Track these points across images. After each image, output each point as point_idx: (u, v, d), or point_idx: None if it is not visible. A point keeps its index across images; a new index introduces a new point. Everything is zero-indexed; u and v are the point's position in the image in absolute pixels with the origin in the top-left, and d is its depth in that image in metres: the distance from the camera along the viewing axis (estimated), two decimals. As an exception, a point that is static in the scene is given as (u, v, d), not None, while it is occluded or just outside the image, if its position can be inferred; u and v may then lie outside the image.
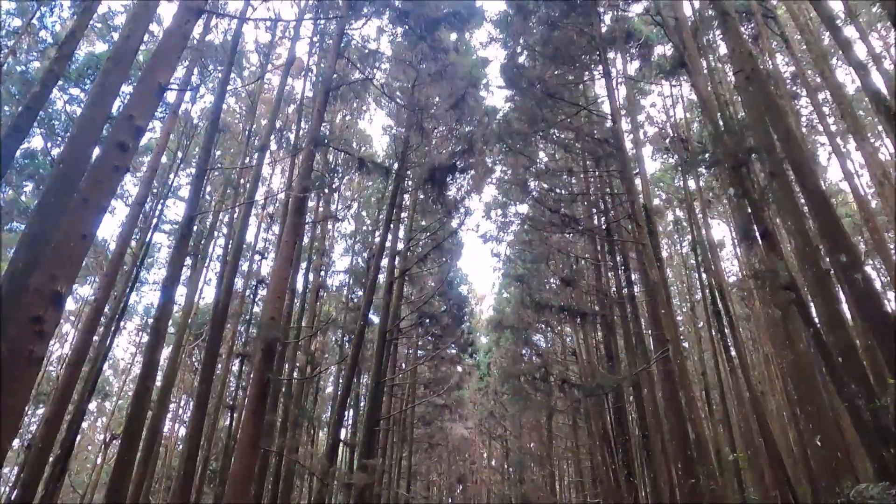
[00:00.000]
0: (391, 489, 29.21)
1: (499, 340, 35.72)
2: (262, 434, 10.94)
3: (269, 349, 11.37)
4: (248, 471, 10.44)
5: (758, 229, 8.92)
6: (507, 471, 43.94)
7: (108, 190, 6.88)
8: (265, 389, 11.03)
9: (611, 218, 18.48)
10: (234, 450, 11.10)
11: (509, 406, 35.63)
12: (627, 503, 18.61)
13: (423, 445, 37.96)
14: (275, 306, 11.95)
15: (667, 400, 14.43)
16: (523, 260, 26.52)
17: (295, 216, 13.06)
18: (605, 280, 20.34)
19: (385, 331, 19.47)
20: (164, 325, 10.45)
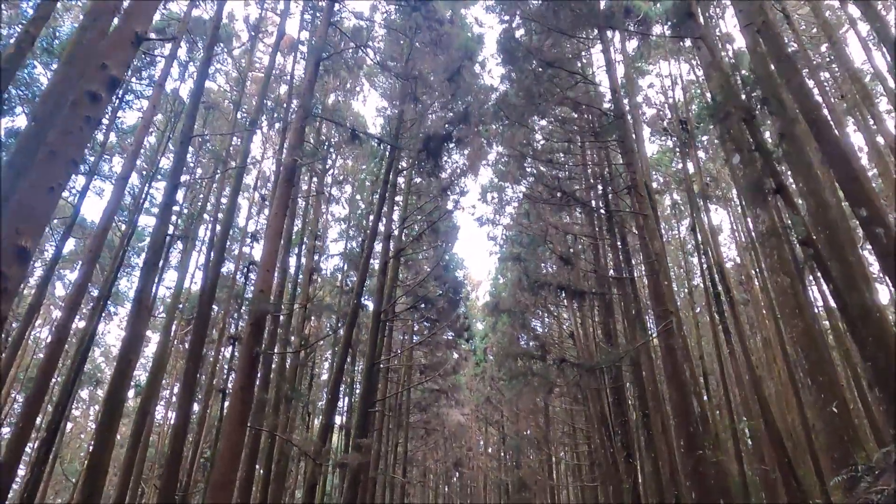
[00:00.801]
0: (387, 474, 28.89)
1: (495, 325, 35.36)
2: (250, 410, 10.53)
3: (258, 323, 10.95)
4: (237, 448, 10.04)
5: (773, 182, 8.48)
6: (504, 457, 43.75)
7: (77, 142, 6.41)
8: (254, 364, 10.61)
9: (609, 193, 18.07)
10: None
11: (506, 391, 35.30)
12: (627, 485, 18.30)
13: (420, 432, 37.71)
14: (265, 280, 11.52)
15: (669, 376, 14.08)
16: (520, 243, 26.08)
17: (284, 186, 12.61)
18: (604, 260, 19.96)
19: (379, 312, 19.07)
20: (146, 295, 10.01)
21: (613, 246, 17.94)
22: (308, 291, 22.76)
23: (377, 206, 17.65)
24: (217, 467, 9.93)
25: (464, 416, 42.63)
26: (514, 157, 18.50)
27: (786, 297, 9.71)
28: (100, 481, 8.57)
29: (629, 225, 17.40)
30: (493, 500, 47.53)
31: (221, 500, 9.51)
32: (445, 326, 31.85)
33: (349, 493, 16.19)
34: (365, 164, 34.05)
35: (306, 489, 14.05)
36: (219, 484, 9.64)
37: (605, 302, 19.43)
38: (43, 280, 19.47)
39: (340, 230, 36.17)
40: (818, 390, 8.90)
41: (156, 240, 10.69)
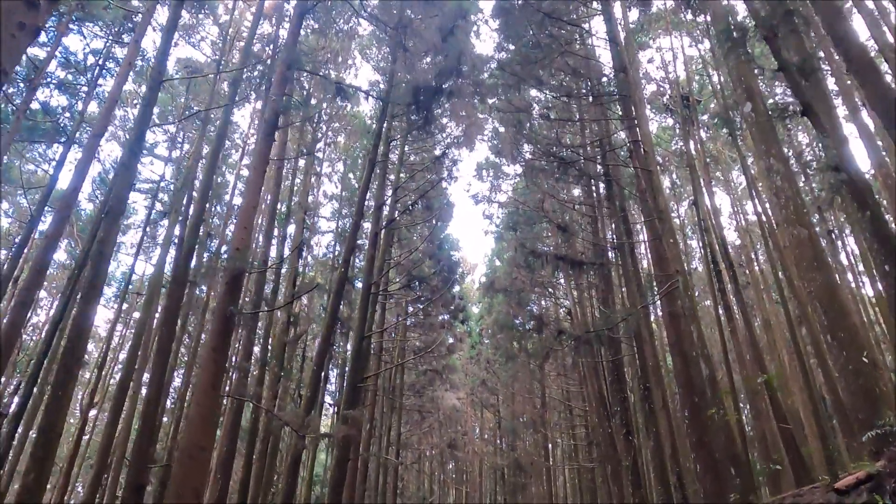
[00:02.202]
0: (380, 456, 28.23)
1: (491, 307, 34.67)
2: (223, 374, 9.77)
3: (233, 281, 10.17)
4: (208, 413, 9.27)
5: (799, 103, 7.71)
6: (500, 442, 43.17)
7: (7, 50, 5.61)
8: (228, 324, 9.84)
9: (609, 163, 17.28)
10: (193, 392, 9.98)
11: (501, 372, 34.65)
12: (627, 463, 17.63)
13: (414, 416, 37.06)
14: (241, 237, 10.73)
15: (672, 344, 13.36)
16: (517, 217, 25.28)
17: (265, 140, 11.80)
18: (602, 232, 19.21)
19: (369, 284, 18.31)
20: (108, 247, 9.22)
21: (613, 214, 17.18)
22: (296, 266, 21.97)
23: (366, 171, 16.84)
24: (186, 434, 9.18)
25: (459, 400, 42.00)
26: (511, 125, 17.67)
27: (802, 249, 8.97)
28: (52, 444, 7.82)
29: (629, 191, 16.64)
30: (489, 485, 47.02)
31: (191, 469, 8.76)
32: (440, 307, 31.17)
33: (337, 472, 15.48)
34: (358, 142, 33.25)
35: (289, 463, 13.36)
36: (188, 452, 8.89)
37: (603, 275, 18.70)
38: (18, 248, 18.67)
39: (333, 209, 35.37)
40: (840, 347, 8.17)
41: (119, 190, 9.89)
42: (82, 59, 22.20)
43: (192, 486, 8.72)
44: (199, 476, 8.87)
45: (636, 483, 17.98)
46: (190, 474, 8.72)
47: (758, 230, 42.49)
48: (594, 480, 29.81)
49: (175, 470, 8.86)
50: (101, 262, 9.02)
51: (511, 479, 35.26)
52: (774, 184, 9.61)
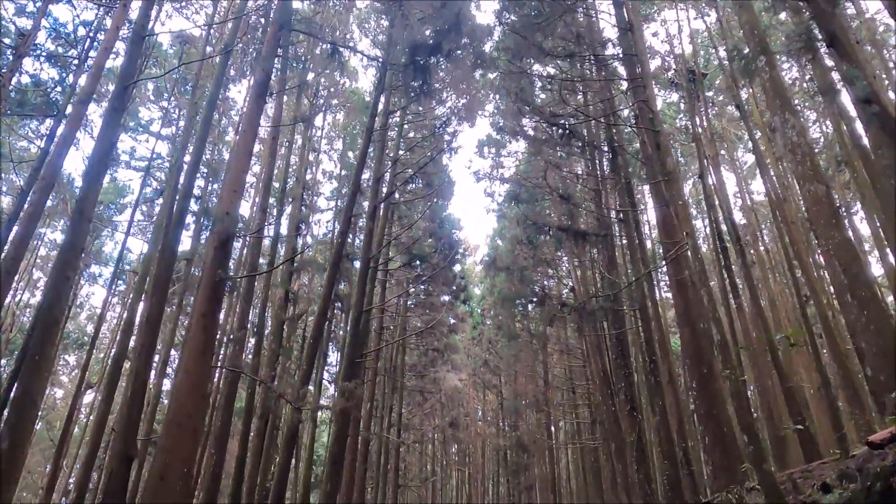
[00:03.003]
0: (381, 435, 27.96)
1: (493, 286, 34.24)
2: (213, 340, 9.37)
3: (222, 245, 9.74)
4: (197, 380, 8.88)
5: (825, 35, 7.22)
6: (503, 424, 42.94)
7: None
8: (217, 290, 9.43)
9: (614, 131, 16.77)
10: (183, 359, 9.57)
11: (503, 352, 34.28)
12: (632, 438, 17.28)
13: (416, 398, 36.78)
14: (230, 200, 10.30)
15: (680, 313, 12.92)
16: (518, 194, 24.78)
17: (255, 103, 11.32)
18: (606, 204, 18.72)
19: (368, 259, 17.90)
20: (89, 203, 8.77)
21: (617, 185, 16.70)
22: (294, 243, 21.52)
23: (363, 141, 16.35)
24: (174, 402, 8.79)
25: (461, 381, 41.73)
26: (513, 92, 17.13)
27: (820, 207, 8.52)
28: (28, 411, 7.43)
29: (633, 157, 16.13)
30: (492, 466, 46.89)
31: (179, 438, 8.39)
32: (441, 285, 30.76)
33: (335, 447, 15.15)
34: (356, 120, 32.66)
35: (286, 438, 13.02)
36: (176, 421, 8.52)
37: (607, 249, 18.22)
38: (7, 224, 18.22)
39: (332, 188, 34.88)
40: (860, 307, 7.74)
41: (103, 145, 9.43)
42: (72, 31, 21.65)
43: (181, 455, 8.35)
44: (187, 445, 8.49)
45: (641, 459, 17.64)
46: (178, 443, 8.35)
47: (763, 210, 42.11)
48: (598, 459, 29.53)
49: (162, 439, 8.49)
50: (80, 221, 8.58)
51: (514, 460, 35.02)
52: (790, 139, 9.14)
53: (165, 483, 8.08)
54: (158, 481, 8.06)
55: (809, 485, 11.47)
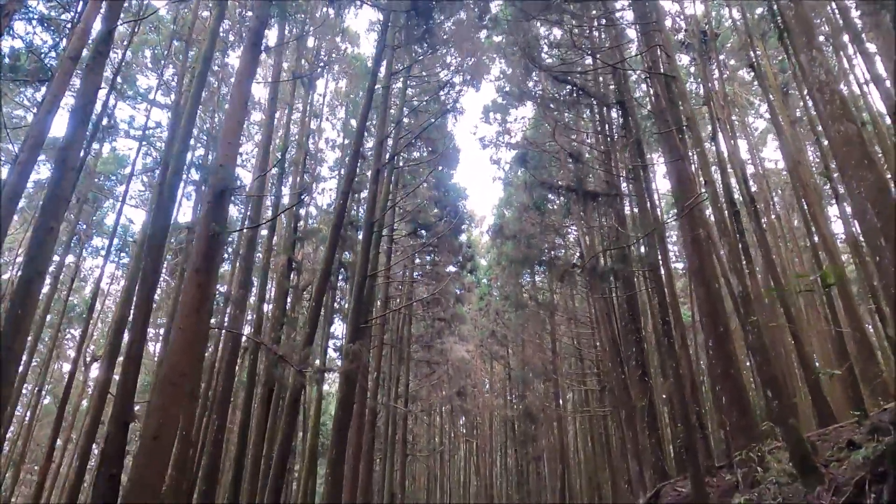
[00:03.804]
0: (388, 405, 27.76)
1: (500, 255, 33.76)
2: (208, 298, 8.96)
3: (217, 198, 9.29)
4: (191, 338, 8.49)
5: None
6: (510, 394, 42.78)
7: None
8: (213, 245, 8.99)
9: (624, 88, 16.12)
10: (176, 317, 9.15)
11: (511, 322, 33.92)
12: (643, 404, 16.90)
13: (423, 369, 36.57)
14: (226, 152, 9.83)
15: (694, 271, 12.45)
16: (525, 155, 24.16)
17: (249, 53, 10.78)
18: (616, 164, 18.12)
19: (371, 223, 17.41)
20: (73, 153, 8.32)
21: (626, 142, 16.09)
22: (296, 210, 21.06)
23: (365, 98, 15.77)
24: (168, 360, 8.41)
25: (468, 353, 41.48)
26: (520, 48, 16.47)
27: (851, 148, 7.98)
28: (10, 365, 7.05)
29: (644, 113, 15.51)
30: (500, 438, 46.90)
31: (172, 396, 8.02)
32: (448, 254, 30.31)
33: (341, 413, 14.83)
34: (359, 86, 31.94)
35: (289, 403, 12.69)
36: (169, 379, 8.14)
37: (616, 211, 17.67)
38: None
39: (336, 158, 34.27)
40: (895, 250, 7.22)
41: (86, 90, 8.95)
42: (65, -7, 21.02)
43: (175, 415, 7.99)
44: (181, 405, 8.13)
45: (652, 425, 17.28)
46: (172, 402, 7.98)
47: (774, 178, 41.30)
48: (606, 428, 29.27)
49: (155, 398, 8.12)
50: (63, 170, 8.13)
51: (521, 430, 34.85)
52: (818, 78, 8.56)
53: (159, 442, 7.73)
54: (151, 441, 7.71)
55: (828, 447, 11.07)
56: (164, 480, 7.92)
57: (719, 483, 14.19)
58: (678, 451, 17.98)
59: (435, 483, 48.31)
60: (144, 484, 7.50)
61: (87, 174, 24.83)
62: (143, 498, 7.43)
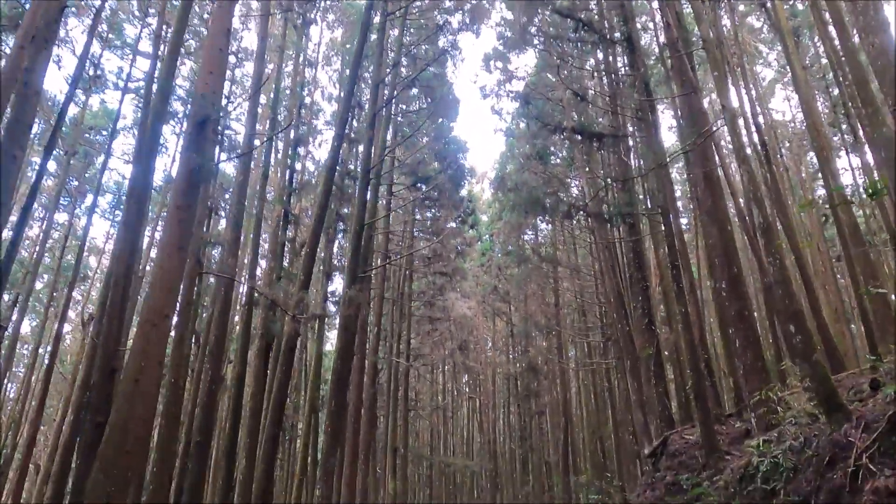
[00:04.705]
0: (390, 359, 27.50)
1: (502, 210, 33.14)
2: (190, 235, 8.40)
3: (198, 128, 8.64)
4: (173, 277, 7.96)
5: None
6: (513, 351, 42.65)
7: None
8: (193, 179, 8.39)
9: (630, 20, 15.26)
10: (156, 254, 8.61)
11: (513, 278, 33.46)
12: (650, 351, 16.49)
13: (425, 327, 36.28)
14: (206, 81, 9.14)
15: (707, 212, 11.84)
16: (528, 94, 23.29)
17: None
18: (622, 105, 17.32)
19: (368, 169, 16.75)
20: (34, 76, 7.67)
21: (634, 80, 15.28)
22: (290, 161, 20.38)
23: (359, 36, 14.94)
24: (148, 301, 7.89)
25: (470, 310, 41.19)
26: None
27: (885, 59, 7.28)
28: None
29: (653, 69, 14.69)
30: (503, 395, 46.98)
31: (153, 338, 7.52)
32: (449, 209, 29.67)
33: (340, 365, 14.44)
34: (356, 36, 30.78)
35: (284, 352, 12.27)
36: (150, 320, 7.62)
37: (621, 157, 16.99)
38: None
39: (333, 111, 33.31)
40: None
41: (47, 9, 8.24)
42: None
43: (156, 357, 7.49)
44: (161, 346, 7.64)
45: (659, 374, 16.91)
46: (153, 344, 7.48)
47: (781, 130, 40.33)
48: (610, 381, 29.06)
49: (136, 340, 7.62)
50: (27, 94, 7.49)
51: (524, 384, 34.71)
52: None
53: (140, 386, 7.25)
54: (132, 384, 7.23)
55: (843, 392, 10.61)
56: (149, 427, 7.47)
57: (728, 430, 13.84)
58: (685, 401, 17.63)
59: (438, 439, 48.60)
60: (125, 429, 7.05)
61: (75, 126, 24.10)
62: (124, 443, 6.99)
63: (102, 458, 6.93)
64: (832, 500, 6.09)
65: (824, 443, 6.66)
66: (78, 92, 26.92)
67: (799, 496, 6.58)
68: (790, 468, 7.05)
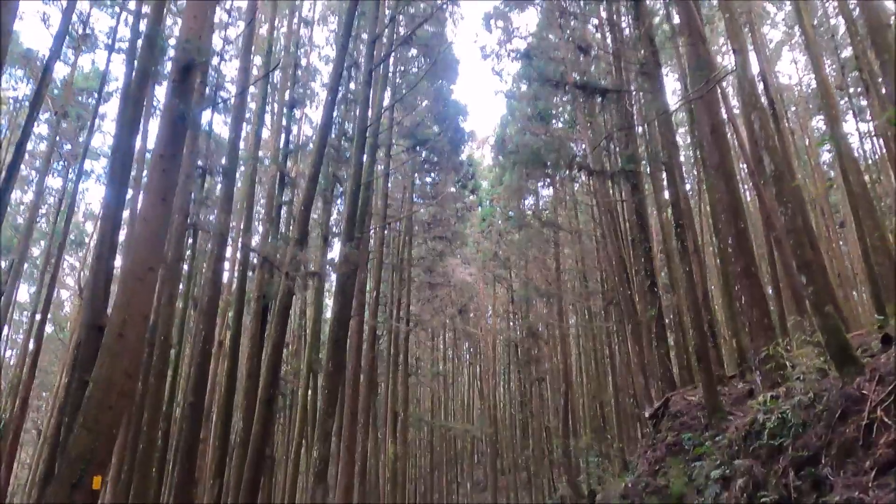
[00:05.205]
0: (389, 322, 27.35)
1: (503, 174, 32.64)
2: (175, 185, 8.05)
3: (181, 75, 8.24)
4: (157, 229, 7.63)
5: None
6: (513, 318, 42.53)
7: None
8: (177, 128, 8.01)
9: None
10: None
11: (514, 243, 33.13)
12: (652, 312, 16.24)
13: (425, 293, 36.05)
14: (191, 27, 8.70)
15: (714, 166, 11.44)
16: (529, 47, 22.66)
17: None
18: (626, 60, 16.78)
19: (365, 127, 16.29)
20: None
21: (639, 34, 14.75)
22: (286, 123, 19.88)
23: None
24: (133, 254, 7.58)
25: (471, 277, 40.92)
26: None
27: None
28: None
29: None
30: (503, 361, 47.05)
31: (139, 292, 7.22)
32: (449, 172, 29.21)
33: (337, 328, 14.19)
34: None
35: (279, 310, 12.00)
36: (134, 274, 7.32)
37: (625, 111, 16.49)
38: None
39: (330, 73, 32.54)
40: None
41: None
42: None
43: (140, 311, 7.21)
44: (147, 300, 7.35)
45: (661, 336, 16.70)
46: (137, 297, 7.19)
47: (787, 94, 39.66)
48: (610, 346, 28.95)
49: (119, 294, 7.32)
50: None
51: (525, 350, 34.64)
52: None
53: (125, 340, 6.99)
54: (116, 339, 6.96)
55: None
56: (133, 383, 7.22)
57: (731, 391, 13.63)
58: (686, 365, 17.45)
59: (439, 406, 48.82)
60: (109, 383, 6.80)
61: (66, 87, 23.53)
62: (108, 398, 6.75)
63: (85, 414, 6.69)
64: (844, 454, 5.84)
65: (835, 396, 6.39)
66: (69, 52, 26.35)
67: (808, 451, 6.34)
68: (799, 424, 6.79)
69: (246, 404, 14.84)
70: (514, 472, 44.73)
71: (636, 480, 13.12)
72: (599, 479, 27.07)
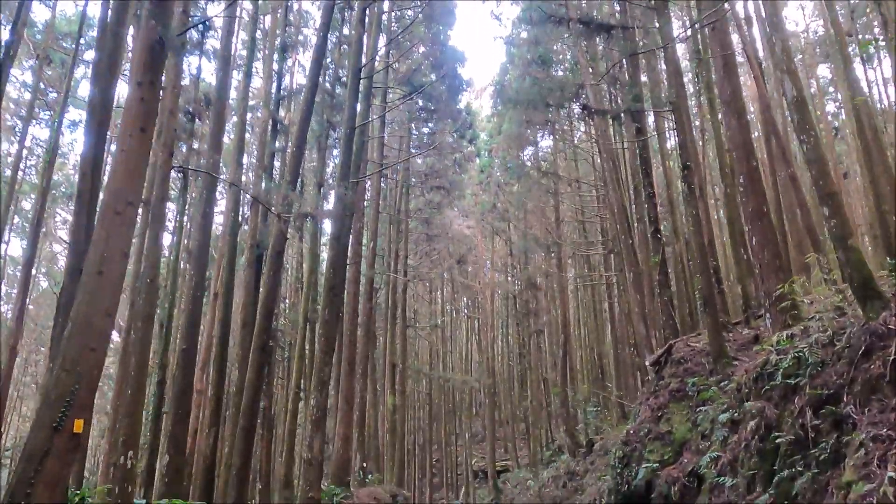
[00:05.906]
0: (386, 272, 27.05)
1: (501, 125, 31.92)
2: (155, 115, 7.53)
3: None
4: (136, 160, 7.15)
5: None
6: (511, 271, 42.29)
7: None
8: (155, 52, 7.44)
9: None
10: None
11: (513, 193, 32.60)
12: (656, 259, 15.88)
13: (423, 246, 35.65)
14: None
15: (727, 103, 10.91)
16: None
17: None
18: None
19: (359, 68, 15.59)
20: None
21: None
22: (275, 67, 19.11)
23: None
24: (110, 186, 7.10)
25: (469, 230, 40.51)
26: None
27: None
28: None
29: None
30: (502, 314, 47.02)
31: (117, 227, 6.77)
32: (446, 121, 28.49)
33: (332, 274, 13.81)
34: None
35: (272, 254, 11.60)
36: (112, 208, 6.85)
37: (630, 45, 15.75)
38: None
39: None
40: None
41: None
42: None
43: (119, 247, 6.78)
44: (126, 236, 6.91)
45: (664, 284, 16.38)
46: (116, 232, 6.75)
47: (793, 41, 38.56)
48: (610, 296, 28.73)
49: (98, 229, 6.88)
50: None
51: (523, 301, 34.45)
52: None
53: (105, 278, 6.57)
54: (95, 276, 6.54)
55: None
56: (111, 322, 6.84)
57: (736, 337, 13.35)
58: (689, 313, 17.19)
59: (437, 358, 48.96)
60: (88, 323, 6.42)
61: (48, 30, 22.63)
62: (87, 338, 6.38)
63: (64, 355, 6.33)
64: (868, 392, 5.51)
65: (858, 333, 6.03)
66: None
67: (828, 389, 6.01)
68: (817, 362, 6.46)
69: (241, 354, 14.57)
70: (512, 423, 45.15)
71: (637, 427, 12.94)
72: (598, 428, 27.22)
